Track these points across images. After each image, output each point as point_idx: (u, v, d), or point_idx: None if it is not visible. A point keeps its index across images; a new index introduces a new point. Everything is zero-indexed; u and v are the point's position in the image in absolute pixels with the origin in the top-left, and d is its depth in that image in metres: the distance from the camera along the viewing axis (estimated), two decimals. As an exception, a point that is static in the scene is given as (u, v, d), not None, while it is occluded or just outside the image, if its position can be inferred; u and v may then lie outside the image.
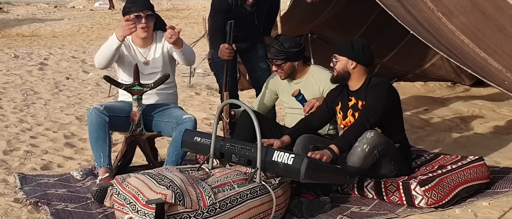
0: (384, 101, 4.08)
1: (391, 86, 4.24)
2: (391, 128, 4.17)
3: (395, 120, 4.25)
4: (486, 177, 4.16)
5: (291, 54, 4.50)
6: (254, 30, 5.25)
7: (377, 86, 4.13)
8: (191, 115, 4.43)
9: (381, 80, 4.21)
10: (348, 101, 4.25)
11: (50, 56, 12.03)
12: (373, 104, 4.07)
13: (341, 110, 4.30)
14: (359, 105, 4.17)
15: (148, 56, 4.59)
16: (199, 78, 9.68)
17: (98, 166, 4.30)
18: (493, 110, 6.93)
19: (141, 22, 4.45)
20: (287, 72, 4.56)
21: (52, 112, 7.10)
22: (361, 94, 4.18)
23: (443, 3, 4.70)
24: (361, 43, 4.25)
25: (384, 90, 4.13)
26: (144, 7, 4.47)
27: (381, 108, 4.06)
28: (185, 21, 18.80)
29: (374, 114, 4.05)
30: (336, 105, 4.33)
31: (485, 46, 4.43)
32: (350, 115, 4.23)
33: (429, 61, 8.03)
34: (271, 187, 3.62)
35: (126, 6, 4.53)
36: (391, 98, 4.16)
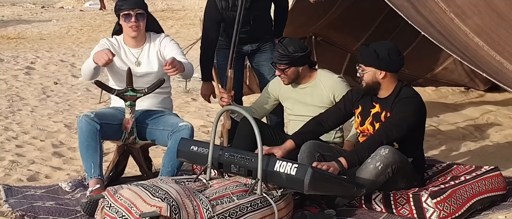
0: (411, 120, 4.02)
1: (422, 102, 4.14)
2: (410, 145, 4.12)
3: (416, 137, 4.21)
4: (502, 188, 4.16)
5: (295, 58, 4.49)
6: (256, 32, 5.23)
7: (407, 100, 4.05)
8: (187, 122, 4.43)
9: (412, 93, 4.13)
10: (371, 107, 4.19)
11: (37, 59, 12.04)
12: (398, 122, 4.00)
13: (360, 115, 4.25)
14: (382, 116, 4.11)
15: (140, 57, 4.60)
16: (195, 83, 9.67)
17: (89, 177, 4.30)
18: (509, 117, 6.93)
19: (131, 21, 4.50)
20: (291, 77, 4.56)
21: (39, 119, 7.10)
22: (387, 104, 4.11)
23: (455, 4, 4.70)
24: (387, 48, 4.12)
25: (414, 106, 4.06)
26: (136, 5, 4.51)
27: (406, 127, 3.99)
28: (180, 22, 18.83)
29: (396, 132, 3.99)
30: (355, 108, 4.28)
31: (500, 49, 4.42)
32: (368, 123, 4.19)
33: (441, 65, 8.03)
34: (272, 199, 3.62)
35: (118, 4, 4.57)
36: (419, 116, 4.11)
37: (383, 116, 4.11)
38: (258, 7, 5.13)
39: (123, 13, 4.52)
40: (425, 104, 4.20)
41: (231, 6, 5.04)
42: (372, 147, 3.94)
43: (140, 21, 4.55)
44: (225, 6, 5.06)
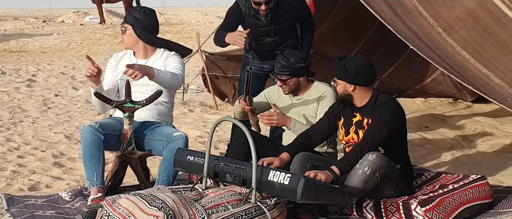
0: (391, 122, 4.08)
1: (398, 106, 4.20)
2: (394, 149, 4.16)
3: (400, 140, 4.25)
4: (489, 196, 4.17)
5: (296, 69, 4.50)
6: (277, 47, 5.21)
7: (384, 104, 4.12)
8: (182, 132, 4.44)
9: (388, 98, 4.20)
10: (352, 117, 4.24)
11: (39, 72, 12.03)
12: (378, 125, 4.06)
13: (343, 126, 4.29)
14: (364, 123, 4.16)
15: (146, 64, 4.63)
16: (192, 95, 9.68)
17: (91, 185, 4.30)
18: (496, 127, 6.95)
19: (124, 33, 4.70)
20: (292, 88, 4.56)
21: (40, 130, 7.09)
22: (367, 111, 4.17)
23: (443, 18, 4.73)
24: (355, 63, 4.16)
25: (391, 110, 4.12)
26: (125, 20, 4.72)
27: (386, 130, 4.05)
28: (178, 36, 18.84)
29: (380, 135, 4.04)
30: (338, 120, 4.33)
31: (486, 62, 4.45)
32: (353, 132, 4.23)
33: (430, 77, 8.06)
34: (266, 207, 3.62)
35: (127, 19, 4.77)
36: (398, 119, 4.15)
37: (365, 123, 4.16)
38: (279, 21, 5.14)
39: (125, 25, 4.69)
40: (402, 107, 4.24)
41: (253, 14, 5.09)
42: (360, 152, 3.99)
43: (123, 34, 4.71)
44: (247, 12, 5.12)
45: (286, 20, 5.17)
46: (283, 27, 5.19)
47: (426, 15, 4.74)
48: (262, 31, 5.18)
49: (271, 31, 5.15)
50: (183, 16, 28.06)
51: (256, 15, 5.09)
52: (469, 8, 4.76)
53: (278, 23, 5.14)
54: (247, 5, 5.12)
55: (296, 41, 5.37)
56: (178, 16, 28.02)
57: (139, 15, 4.69)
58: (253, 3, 5.01)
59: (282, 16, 5.12)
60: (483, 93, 4.23)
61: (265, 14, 5.04)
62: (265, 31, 5.17)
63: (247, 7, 5.13)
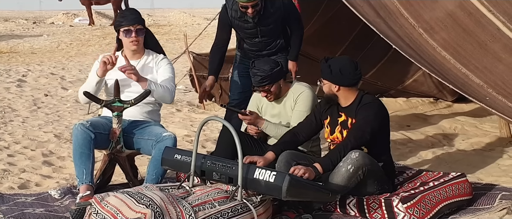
0: (374, 123, 4.09)
1: (381, 106, 4.21)
2: (377, 148, 4.17)
3: (382, 140, 4.26)
4: (468, 193, 4.19)
5: (275, 75, 4.48)
6: (265, 46, 5.23)
7: (368, 105, 4.13)
8: (171, 132, 4.43)
9: (372, 99, 4.21)
10: (338, 116, 4.25)
11: (29, 72, 11.97)
12: (362, 125, 4.07)
13: (329, 125, 4.30)
14: (349, 123, 4.17)
15: (137, 66, 4.60)
16: (180, 95, 9.66)
17: (80, 183, 4.28)
18: (476, 126, 6.99)
19: (131, 36, 4.57)
20: (276, 93, 4.54)
21: (30, 129, 7.05)
22: (352, 111, 4.18)
23: (424, 19, 4.75)
24: (339, 65, 4.16)
25: (375, 110, 4.13)
26: (134, 21, 4.59)
27: (370, 130, 4.06)
28: (166, 37, 18.81)
29: (363, 135, 4.05)
30: (324, 118, 4.33)
31: (466, 62, 4.47)
32: (338, 132, 4.24)
33: (412, 77, 8.10)
34: (252, 205, 3.62)
35: (118, 20, 4.66)
36: (381, 119, 4.17)
37: (350, 123, 4.17)
38: (265, 23, 5.12)
39: (123, 29, 4.58)
40: (385, 108, 4.26)
41: (239, 16, 5.08)
42: (343, 151, 3.99)
43: (140, 36, 4.62)
44: (234, 15, 5.12)
45: (273, 22, 5.16)
46: (270, 29, 5.18)
47: (408, 17, 4.76)
48: (249, 33, 5.18)
49: (258, 32, 5.15)
50: (171, 18, 27.99)
51: (243, 18, 5.09)
52: (449, 10, 4.78)
53: (264, 25, 5.13)
54: (233, 8, 5.11)
55: (285, 42, 5.35)
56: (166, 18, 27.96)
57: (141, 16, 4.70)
58: (240, 6, 5.00)
59: (268, 18, 5.11)
60: (463, 92, 4.25)
61: (252, 16, 5.03)
62: (251, 33, 5.17)
63: (233, 10, 5.11)
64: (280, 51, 5.31)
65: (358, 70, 4.20)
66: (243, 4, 4.96)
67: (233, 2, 5.08)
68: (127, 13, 4.69)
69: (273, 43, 5.26)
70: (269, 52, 5.25)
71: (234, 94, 5.42)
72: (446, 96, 8.35)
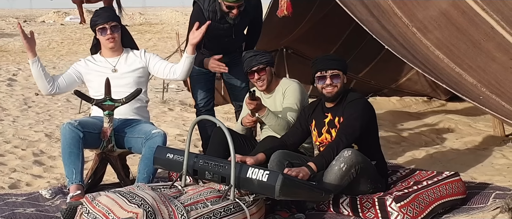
0: (362, 118, 4.13)
1: (367, 102, 4.28)
2: (368, 145, 4.20)
3: (372, 137, 4.29)
4: (462, 193, 4.20)
5: (269, 57, 4.60)
6: (233, 45, 5.25)
7: (354, 102, 4.17)
8: (160, 129, 4.43)
9: (357, 95, 4.25)
10: (323, 118, 4.28)
11: (19, 71, 11.93)
12: (351, 122, 4.10)
13: (316, 128, 4.33)
14: (336, 121, 4.19)
15: (117, 65, 4.67)
16: (172, 94, 9.66)
17: (70, 183, 4.27)
18: (469, 125, 7.01)
19: (107, 34, 4.63)
20: (268, 79, 4.59)
21: (20, 129, 7.03)
22: (338, 110, 4.21)
23: (417, 18, 4.75)
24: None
25: (361, 106, 4.17)
26: (109, 19, 4.65)
27: (359, 125, 4.09)
28: (158, 35, 18.76)
29: (352, 132, 4.08)
30: (310, 123, 4.36)
31: (459, 61, 4.48)
32: (325, 132, 4.26)
33: (405, 76, 8.12)
34: (245, 204, 3.62)
35: (93, 20, 4.72)
36: (368, 115, 4.21)
37: (337, 122, 4.20)
38: (240, 23, 5.13)
39: (98, 27, 4.65)
40: (370, 104, 4.30)
41: (219, 18, 5.02)
42: (336, 149, 4.01)
43: (115, 33, 4.68)
44: (212, 17, 4.98)
45: (245, 22, 5.21)
46: (241, 29, 5.24)
47: (401, 16, 4.76)
48: (222, 33, 5.10)
49: (232, 33, 5.12)
50: (163, 16, 27.90)
51: (223, 18, 5.02)
52: (443, 9, 4.79)
53: (240, 25, 5.14)
54: (210, 8, 5.01)
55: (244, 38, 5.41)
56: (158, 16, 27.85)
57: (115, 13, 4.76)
58: (226, 6, 4.95)
59: (243, 19, 5.11)
60: (456, 92, 4.26)
61: (234, 17, 5.01)
62: (225, 33, 5.10)
63: (211, 11, 5.00)
64: (239, 48, 5.36)
65: None
66: (229, 5, 4.90)
67: (211, 2, 5.01)
68: (100, 12, 4.76)
69: (239, 41, 5.32)
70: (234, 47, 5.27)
71: (200, 93, 5.34)
72: (439, 95, 8.38)
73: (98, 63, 4.72)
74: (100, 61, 4.72)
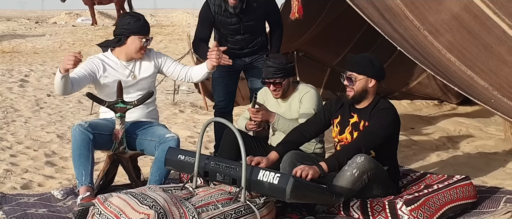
0: (387, 129, 4.08)
1: (396, 114, 4.20)
2: (384, 153, 4.17)
3: (391, 146, 4.26)
4: (472, 196, 4.19)
5: (288, 70, 4.55)
6: (247, 44, 5.25)
7: (384, 111, 4.12)
8: (174, 133, 4.43)
9: (389, 104, 4.19)
10: (349, 117, 4.23)
11: (31, 72, 11.99)
12: (375, 130, 4.06)
13: (339, 124, 4.28)
14: (361, 125, 4.16)
15: (135, 69, 4.63)
16: (183, 96, 9.68)
17: (80, 184, 4.29)
18: (480, 129, 6.99)
19: (145, 46, 4.59)
20: (285, 89, 4.57)
21: (32, 130, 7.07)
22: (366, 114, 4.16)
23: (429, 22, 4.75)
24: (377, 59, 4.23)
25: (390, 117, 4.12)
26: (149, 30, 4.62)
27: (382, 135, 4.06)
28: (169, 37, 18.83)
29: (374, 140, 4.04)
30: (334, 117, 4.32)
31: (471, 64, 4.47)
32: (348, 132, 4.23)
33: (416, 80, 8.11)
34: (256, 206, 3.63)
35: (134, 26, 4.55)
36: (394, 127, 4.16)
37: (362, 126, 4.16)
38: (249, 18, 5.14)
39: (139, 37, 4.54)
40: (399, 116, 4.24)
41: (223, 10, 5.09)
42: (351, 153, 3.98)
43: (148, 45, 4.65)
44: (217, 10, 5.10)
45: (255, 18, 5.20)
46: (252, 25, 5.21)
47: (413, 19, 4.76)
48: (231, 29, 5.18)
49: (240, 28, 5.16)
50: (174, 18, 28.00)
51: (227, 11, 5.08)
52: (454, 12, 4.78)
53: (247, 21, 5.16)
54: (216, 2, 5.11)
55: (266, 40, 5.40)
56: (169, 18, 27.95)
57: None
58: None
59: (251, 14, 5.14)
60: (468, 95, 4.26)
61: (234, 6, 5.02)
62: (234, 29, 5.17)
63: (216, 5, 5.12)
64: (261, 49, 5.35)
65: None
66: None
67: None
68: (142, 20, 4.60)
69: (255, 41, 5.29)
70: (250, 50, 5.27)
71: (219, 95, 5.40)
72: (450, 98, 8.36)
73: (116, 67, 4.61)
74: (116, 64, 4.62)
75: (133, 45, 4.57)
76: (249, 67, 5.32)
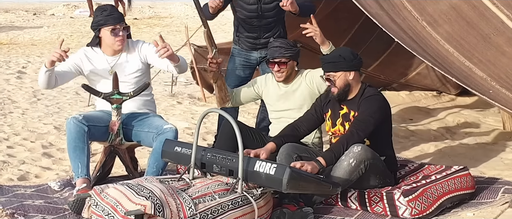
0: (377, 115, 4.09)
1: (384, 99, 4.22)
2: (379, 141, 4.18)
3: (385, 133, 4.26)
4: (470, 187, 4.20)
5: (296, 52, 4.55)
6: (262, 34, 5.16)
7: (371, 98, 4.14)
8: (172, 125, 4.43)
9: (375, 91, 4.22)
10: (339, 109, 4.26)
11: (29, 64, 11.97)
12: (365, 118, 4.07)
13: (330, 118, 4.31)
14: (351, 116, 4.18)
15: (115, 66, 4.58)
16: (181, 87, 9.67)
17: (76, 176, 4.29)
18: (479, 120, 6.99)
19: (119, 35, 4.51)
20: (289, 71, 4.55)
21: (30, 121, 7.06)
22: (354, 104, 4.18)
23: (427, 12, 4.74)
24: (347, 50, 4.25)
25: (378, 103, 4.14)
26: (120, 20, 4.53)
27: (373, 122, 4.06)
28: (167, 29, 18.79)
29: (365, 128, 4.05)
30: (325, 111, 4.34)
31: (469, 55, 4.46)
32: (339, 124, 4.25)
33: (414, 70, 8.10)
34: (253, 197, 3.63)
35: (100, 19, 4.53)
36: (384, 112, 4.17)
37: (352, 116, 4.18)
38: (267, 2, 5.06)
39: (110, 28, 4.49)
40: (387, 101, 4.26)
41: None
42: (346, 144, 3.99)
43: (125, 34, 4.57)
44: None
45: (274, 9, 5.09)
46: (271, 8, 5.10)
47: (411, 9, 4.75)
48: (249, 10, 5.08)
49: (258, 10, 5.08)
50: (172, 10, 27.95)
51: None
52: (453, 3, 4.77)
53: (266, 2, 5.07)
54: None
55: (284, 33, 5.30)
56: (168, 10, 27.90)
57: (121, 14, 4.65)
58: None
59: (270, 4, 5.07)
60: (466, 85, 4.25)
61: None
62: (253, 9, 5.08)
63: None
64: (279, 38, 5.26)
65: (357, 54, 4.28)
66: None
67: None
68: (108, 11, 4.56)
69: (273, 29, 5.20)
70: (267, 40, 5.15)
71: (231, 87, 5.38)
72: (449, 89, 8.35)
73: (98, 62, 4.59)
74: (100, 58, 4.59)
75: (106, 37, 4.54)
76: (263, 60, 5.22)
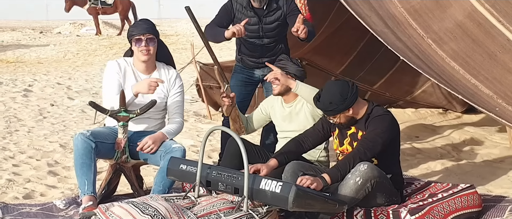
0: (385, 135, 4.06)
1: (393, 119, 4.18)
2: (387, 160, 4.15)
3: (392, 152, 4.23)
4: (477, 205, 4.17)
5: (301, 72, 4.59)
6: (265, 53, 5.18)
7: (379, 117, 4.11)
8: (180, 144, 4.42)
9: (383, 111, 4.18)
10: (347, 129, 4.24)
11: (35, 82, 12.01)
12: (373, 137, 4.05)
13: (338, 137, 4.29)
14: (359, 135, 4.16)
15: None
16: (186, 105, 9.66)
17: (82, 194, 4.28)
18: (485, 138, 6.97)
19: (141, 45, 4.52)
20: (284, 86, 4.54)
21: (35, 139, 7.07)
22: (361, 124, 4.16)
23: (433, 30, 4.74)
24: (332, 92, 4.08)
25: (386, 123, 4.10)
26: (146, 31, 4.55)
27: (381, 142, 4.04)
28: (173, 47, 18.85)
29: (373, 147, 4.03)
30: (333, 130, 4.32)
31: (475, 73, 4.46)
32: (347, 144, 4.23)
33: (420, 88, 8.09)
34: (258, 215, 3.61)
35: (130, 30, 4.63)
36: (392, 132, 4.14)
37: (360, 136, 4.15)
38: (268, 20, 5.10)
39: (134, 38, 4.54)
40: (396, 120, 4.23)
41: (245, 5, 5.07)
42: (352, 162, 3.97)
43: (150, 46, 4.56)
44: (239, 8, 5.11)
45: (276, 20, 5.13)
46: (273, 28, 5.14)
47: (416, 27, 4.75)
48: (251, 31, 5.10)
49: (260, 30, 5.11)
50: (178, 28, 28.09)
51: (248, 8, 5.06)
52: (458, 20, 4.78)
53: (268, 23, 5.11)
54: (238, 1, 5.11)
55: (286, 49, 5.31)
56: (173, 28, 28.04)
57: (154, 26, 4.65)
58: None
59: (272, 15, 5.10)
60: (472, 103, 4.24)
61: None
62: (254, 29, 5.11)
63: (239, 3, 5.11)
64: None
65: (351, 82, 4.18)
66: None
67: None
68: (139, 23, 4.67)
69: (275, 48, 5.22)
70: (269, 59, 5.15)
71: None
72: (455, 107, 8.34)
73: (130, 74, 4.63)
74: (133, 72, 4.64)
75: (135, 47, 4.59)
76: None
